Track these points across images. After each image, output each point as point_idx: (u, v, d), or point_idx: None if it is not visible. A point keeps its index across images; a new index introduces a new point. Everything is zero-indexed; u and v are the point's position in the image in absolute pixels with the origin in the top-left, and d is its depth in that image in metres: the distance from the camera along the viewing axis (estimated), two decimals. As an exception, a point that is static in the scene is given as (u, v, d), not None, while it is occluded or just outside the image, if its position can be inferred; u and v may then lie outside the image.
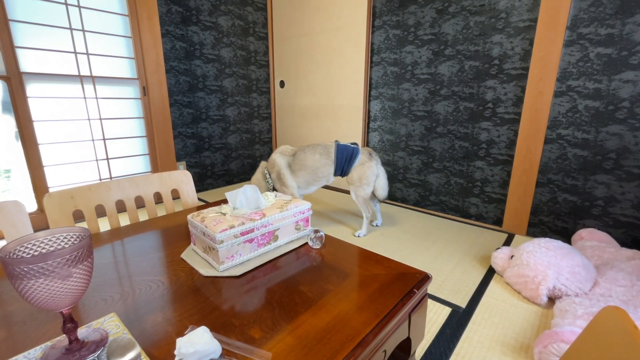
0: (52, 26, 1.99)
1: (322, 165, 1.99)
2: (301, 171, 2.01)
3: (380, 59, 2.62)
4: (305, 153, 2.02)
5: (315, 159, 2.00)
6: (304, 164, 2.00)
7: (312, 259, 0.72)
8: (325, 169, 2.00)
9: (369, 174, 1.98)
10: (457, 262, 1.73)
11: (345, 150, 1.98)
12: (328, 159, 1.99)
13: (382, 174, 2.06)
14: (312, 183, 2.06)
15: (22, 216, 0.81)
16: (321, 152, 2.00)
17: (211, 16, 2.81)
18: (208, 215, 0.71)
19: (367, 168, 1.97)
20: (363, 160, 1.99)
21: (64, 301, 0.41)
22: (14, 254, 0.40)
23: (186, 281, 0.63)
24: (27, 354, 0.44)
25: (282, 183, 2.04)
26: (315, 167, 2.00)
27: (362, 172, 1.98)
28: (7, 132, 1.98)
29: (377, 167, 2.02)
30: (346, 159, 1.98)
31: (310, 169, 2.00)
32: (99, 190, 0.99)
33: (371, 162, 1.99)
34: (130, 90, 2.42)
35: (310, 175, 2.02)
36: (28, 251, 0.42)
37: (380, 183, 2.05)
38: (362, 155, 2.00)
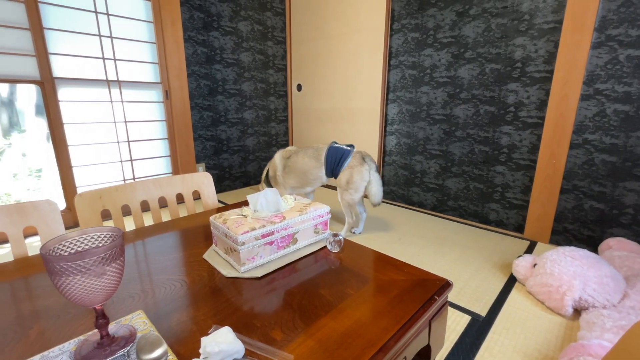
0: (82, 33, 2.09)
1: (311, 168, 1.99)
2: (293, 173, 2.05)
3: (398, 62, 2.61)
4: (298, 155, 2.04)
5: (305, 161, 2.00)
6: (295, 166, 2.03)
7: (331, 263, 0.73)
8: (315, 171, 1.99)
9: (356, 179, 1.90)
10: (476, 269, 1.69)
11: (336, 152, 1.95)
12: (318, 162, 1.98)
13: (375, 181, 1.95)
14: (305, 184, 2.07)
15: (55, 214, 0.85)
16: (311, 155, 2.00)
17: (231, 21, 2.88)
18: (230, 217, 0.73)
19: (356, 172, 1.90)
20: (353, 164, 1.92)
21: (98, 297, 0.43)
22: (54, 252, 0.42)
23: (208, 281, 0.64)
24: (62, 346, 0.46)
25: (276, 182, 2.10)
26: (304, 169, 2.00)
27: (349, 176, 1.92)
28: (40, 134, 2.08)
29: (370, 173, 1.93)
30: (336, 161, 1.95)
31: (300, 172, 2.02)
32: (125, 190, 1.03)
33: (361, 167, 1.91)
34: (154, 94, 2.50)
35: (301, 177, 2.04)
36: (65, 249, 0.44)
37: (373, 190, 1.96)
38: (352, 159, 1.93)
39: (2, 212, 0.80)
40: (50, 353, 0.45)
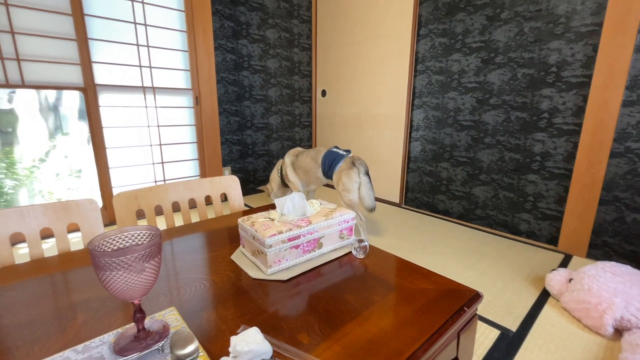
0: (122, 43, 2.22)
1: (311, 168, 2.17)
2: (299, 171, 2.26)
3: (424, 68, 2.57)
4: (302, 156, 2.24)
5: (307, 162, 2.19)
6: (300, 165, 2.24)
7: (356, 269, 0.72)
8: (314, 171, 2.17)
9: (345, 181, 2.02)
10: (506, 282, 1.62)
11: (330, 155, 2.09)
12: (316, 164, 2.15)
13: (365, 184, 2.02)
14: (310, 182, 2.27)
15: (96, 213, 0.91)
16: (312, 157, 2.18)
17: (259, 29, 2.96)
18: (257, 219, 0.74)
19: (345, 175, 2.01)
20: (342, 168, 2.04)
21: (137, 293, 0.45)
22: (99, 248, 0.45)
23: (236, 282, 0.66)
24: (102, 338, 0.49)
25: (287, 179, 2.32)
26: (306, 169, 2.20)
27: (338, 178, 2.04)
28: (81, 137, 2.23)
29: (359, 175, 2.01)
30: (328, 164, 2.08)
31: (303, 170, 2.23)
32: (159, 192, 1.07)
33: (350, 170, 2.01)
34: (185, 100, 2.61)
35: (305, 176, 2.24)
36: (109, 246, 0.47)
37: (362, 192, 2.03)
38: (343, 163, 2.05)
39: (49, 210, 0.86)
40: (92, 343, 0.48)
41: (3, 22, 1.81)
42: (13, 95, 2.47)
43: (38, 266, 0.72)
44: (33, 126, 2.41)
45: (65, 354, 0.45)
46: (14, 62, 1.86)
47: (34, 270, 0.70)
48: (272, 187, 2.46)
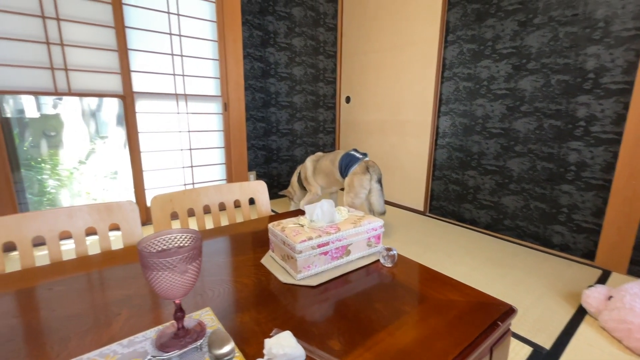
0: (158, 53, 2.35)
1: (330, 170, 2.23)
2: (319, 174, 2.32)
3: (452, 74, 2.53)
4: (323, 159, 2.30)
5: (326, 165, 2.25)
6: (320, 168, 2.30)
7: (384, 277, 0.72)
8: (333, 174, 2.22)
9: (356, 185, 2.03)
10: (538, 296, 1.55)
11: (346, 157, 2.14)
12: (334, 165, 2.20)
13: (376, 190, 2.05)
14: (329, 184, 2.32)
15: (135, 214, 0.96)
16: (331, 159, 2.23)
17: (286, 38, 3.03)
18: (288, 225, 0.76)
19: (356, 179, 2.03)
20: (356, 171, 2.06)
21: (179, 292, 0.47)
22: (147, 248, 0.48)
23: (267, 285, 0.68)
24: (145, 334, 0.52)
25: (308, 183, 2.36)
26: (326, 172, 2.26)
27: (350, 181, 2.06)
28: (118, 141, 2.36)
29: (370, 182, 2.03)
30: (344, 165, 2.12)
31: (324, 173, 2.28)
32: (192, 195, 1.12)
33: (363, 175, 2.03)
34: (214, 106, 2.70)
35: (325, 178, 2.29)
36: (155, 246, 0.50)
37: (372, 199, 2.07)
38: (357, 167, 2.07)
39: (94, 210, 0.92)
40: (136, 338, 0.51)
41: (54, 35, 1.96)
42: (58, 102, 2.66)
43: (84, 263, 0.77)
44: (75, 130, 2.57)
45: (112, 347, 0.49)
46: (62, 71, 2.01)
47: (80, 266, 0.75)
48: (294, 190, 2.51)
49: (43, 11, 1.91)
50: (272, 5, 2.87)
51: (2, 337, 0.51)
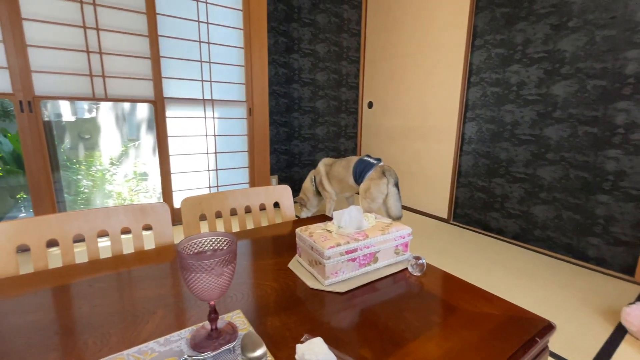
0: (188, 60, 2.44)
1: (344, 176, 2.24)
2: (333, 180, 2.34)
3: (479, 80, 2.47)
4: (335, 165, 2.32)
5: (339, 171, 2.27)
6: (333, 174, 2.32)
7: (412, 286, 0.71)
8: (347, 180, 2.24)
9: (373, 190, 2.04)
10: (572, 312, 1.48)
11: (361, 164, 2.15)
12: (347, 172, 2.22)
13: (392, 195, 2.05)
14: (342, 190, 2.35)
15: (166, 215, 0.99)
16: (344, 166, 2.25)
17: (310, 44, 3.06)
18: (315, 231, 0.77)
19: (373, 185, 2.04)
20: (372, 177, 2.07)
21: (214, 294, 0.49)
22: (184, 250, 0.50)
23: (295, 290, 0.68)
24: (180, 333, 0.53)
25: (322, 188, 2.39)
26: (340, 177, 2.27)
27: (367, 187, 2.07)
28: (149, 144, 2.46)
29: (387, 186, 2.04)
30: (359, 172, 2.13)
31: (337, 179, 2.30)
32: (220, 198, 1.15)
33: (379, 180, 2.03)
34: (239, 111, 2.77)
35: (339, 184, 2.31)
36: (192, 248, 0.51)
37: (389, 203, 2.07)
38: (373, 172, 2.08)
39: (129, 211, 0.96)
40: (172, 337, 0.52)
41: (93, 44, 2.08)
42: (93, 107, 2.80)
43: (119, 261, 0.80)
44: (108, 134, 2.70)
45: (150, 344, 0.50)
46: (100, 78, 2.12)
47: (116, 264, 0.78)
48: (308, 196, 2.51)
49: (84, 22, 2.03)
50: (297, 13, 2.92)
51: (49, 330, 0.54)
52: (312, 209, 2.58)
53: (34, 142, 1.96)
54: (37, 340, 0.51)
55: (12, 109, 3.06)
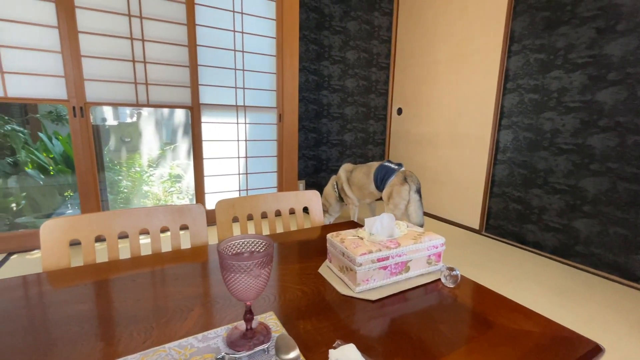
0: (223, 68, 2.54)
1: (365, 183, 2.24)
2: (354, 186, 2.34)
3: (516, 86, 2.38)
4: (356, 171, 2.33)
5: (360, 177, 2.27)
6: (354, 180, 2.33)
7: (445, 298, 0.69)
8: (367, 186, 2.23)
9: (394, 196, 2.04)
10: (621, 336, 1.37)
11: (382, 170, 2.15)
12: (368, 178, 2.21)
13: (414, 202, 2.03)
14: (365, 196, 2.33)
15: (202, 216, 1.04)
16: (364, 172, 2.26)
17: (340, 51, 3.09)
18: (347, 237, 0.77)
19: (395, 191, 2.05)
20: (394, 183, 2.06)
21: (251, 295, 0.50)
22: (225, 251, 0.52)
23: (325, 295, 0.69)
24: (216, 330, 0.55)
25: (344, 194, 2.40)
26: (360, 184, 2.28)
27: (389, 193, 2.07)
28: (185, 147, 2.57)
29: (409, 192, 2.02)
30: (380, 178, 2.13)
31: (357, 185, 2.30)
32: (252, 201, 1.18)
33: (401, 187, 2.03)
34: (269, 117, 2.84)
35: (359, 191, 2.31)
36: (230, 250, 0.53)
37: (410, 210, 2.05)
38: (395, 178, 2.07)
39: (168, 211, 1.01)
40: (209, 334, 0.54)
41: (139, 54, 2.22)
42: (134, 112, 2.98)
43: (158, 259, 0.85)
44: (148, 137, 2.86)
45: (189, 340, 0.53)
46: (143, 85, 2.26)
47: (156, 261, 0.83)
48: (330, 202, 2.51)
49: (132, 33, 2.18)
50: (329, 21, 2.97)
51: (98, 319, 0.58)
52: (334, 214, 2.58)
53: (84, 144, 2.12)
54: (88, 328, 0.55)
55: (64, 113, 3.33)
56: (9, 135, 3.14)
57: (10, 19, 1.88)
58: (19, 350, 0.50)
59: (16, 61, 1.92)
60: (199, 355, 0.50)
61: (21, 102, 2.00)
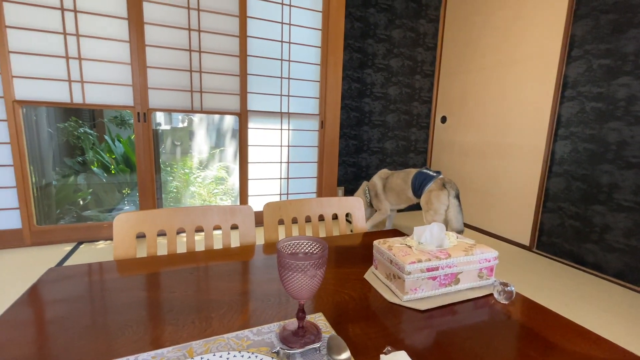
0: (270, 76, 2.65)
1: (402, 189, 2.29)
2: (390, 192, 2.38)
3: (576, 94, 2.21)
4: (393, 177, 2.37)
5: (397, 183, 2.31)
6: (390, 186, 2.35)
7: (498, 314, 0.66)
8: (405, 192, 2.27)
9: (434, 201, 2.06)
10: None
11: (420, 176, 2.19)
12: (406, 184, 2.24)
13: (453, 206, 2.06)
14: (399, 202, 2.38)
15: (251, 217, 1.09)
16: (402, 178, 2.30)
17: (384, 59, 3.08)
18: (394, 244, 0.77)
19: (434, 196, 2.07)
20: (432, 188, 2.10)
21: (304, 294, 0.52)
22: (284, 250, 0.55)
23: (372, 301, 0.69)
24: (270, 326, 0.58)
25: (378, 200, 2.43)
26: (398, 190, 2.31)
27: (428, 198, 2.10)
28: (231, 151, 2.71)
29: (448, 198, 2.06)
30: (418, 184, 2.16)
31: (394, 191, 2.34)
32: (296, 205, 1.22)
33: (440, 192, 2.05)
34: (311, 124, 2.90)
35: (396, 196, 2.35)
36: (288, 249, 0.56)
37: (450, 215, 2.07)
38: (433, 184, 2.11)
39: (221, 211, 1.07)
40: (263, 329, 0.57)
41: (196, 64, 2.40)
42: (186, 117, 3.20)
43: (211, 255, 0.90)
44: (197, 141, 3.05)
45: (245, 332, 0.56)
46: (198, 93, 2.44)
47: (209, 257, 0.88)
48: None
49: (191, 45, 2.36)
50: (373, 29, 2.98)
51: (163, 306, 0.63)
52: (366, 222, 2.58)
53: (145, 147, 2.32)
54: (156, 313, 0.61)
55: (127, 118, 3.67)
56: (81, 137, 3.52)
57: (90, 35, 2.13)
58: (100, 327, 0.56)
59: (93, 72, 2.16)
60: (255, 347, 0.52)
61: (95, 108, 2.24)
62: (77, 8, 2.08)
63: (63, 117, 3.40)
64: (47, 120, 3.10)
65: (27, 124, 2.17)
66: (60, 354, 0.49)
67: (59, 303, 0.63)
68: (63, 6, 2.06)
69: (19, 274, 1.81)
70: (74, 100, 2.14)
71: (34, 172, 2.26)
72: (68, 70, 2.11)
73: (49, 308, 0.61)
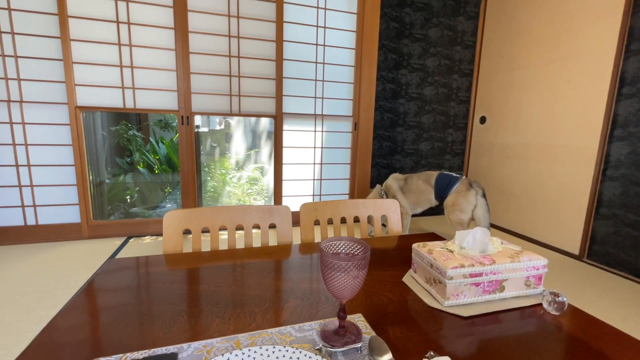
0: (305, 79, 2.70)
1: (424, 190, 2.30)
2: (409, 194, 2.38)
3: (635, 91, 2.03)
4: (412, 179, 2.38)
5: (419, 184, 2.32)
6: (410, 188, 2.37)
7: (547, 325, 0.63)
8: (426, 194, 2.29)
9: (462, 202, 2.12)
10: None
11: (445, 178, 2.22)
12: (429, 186, 2.28)
13: (482, 205, 2.12)
14: (418, 205, 2.39)
15: (288, 217, 1.12)
16: (424, 179, 2.32)
17: (420, 59, 3.02)
18: (435, 248, 0.75)
19: (462, 197, 2.12)
20: (459, 189, 2.15)
21: (346, 294, 0.53)
22: (328, 249, 0.56)
23: (412, 305, 0.68)
24: (311, 324, 0.59)
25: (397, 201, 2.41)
26: (418, 191, 2.33)
27: (455, 199, 2.15)
28: (266, 152, 2.79)
29: (476, 197, 2.11)
30: (443, 186, 2.20)
31: (415, 193, 2.35)
32: (332, 206, 1.23)
33: (468, 192, 2.11)
34: (345, 125, 2.91)
35: (416, 198, 2.36)
36: (330, 249, 0.57)
37: (478, 214, 2.13)
38: (460, 185, 2.16)
39: (260, 210, 1.11)
40: (305, 326, 0.59)
41: (235, 69, 2.50)
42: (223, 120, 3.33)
43: (251, 253, 0.94)
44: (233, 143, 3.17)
45: (287, 328, 0.58)
46: (237, 97, 2.54)
47: (249, 255, 0.92)
48: None
49: (230, 51, 2.47)
50: (409, 29, 2.93)
51: (211, 299, 0.67)
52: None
53: (188, 148, 2.46)
54: (204, 306, 0.64)
55: (171, 121, 3.89)
56: (130, 139, 3.79)
57: (141, 44, 2.30)
58: (156, 315, 0.61)
59: (143, 78, 2.33)
60: (297, 343, 0.54)
61: (144, 112, 2.41)
62: (130, 20, 2.26)
63: (115, 121, 3.69)
64: (101, 123, 3.37)
65: (85, 127, 2.38)
66: (124, 339, 0.54)
67: (118, 291, 0.69)
68: (118, 19, 2.24)
69: (79, 263, 2.00)
70: (127, 105, 2.32)
71: (90, 171, 2.47)
72: (122, 78, 2.29)
73: (110, 295, 0.67)
